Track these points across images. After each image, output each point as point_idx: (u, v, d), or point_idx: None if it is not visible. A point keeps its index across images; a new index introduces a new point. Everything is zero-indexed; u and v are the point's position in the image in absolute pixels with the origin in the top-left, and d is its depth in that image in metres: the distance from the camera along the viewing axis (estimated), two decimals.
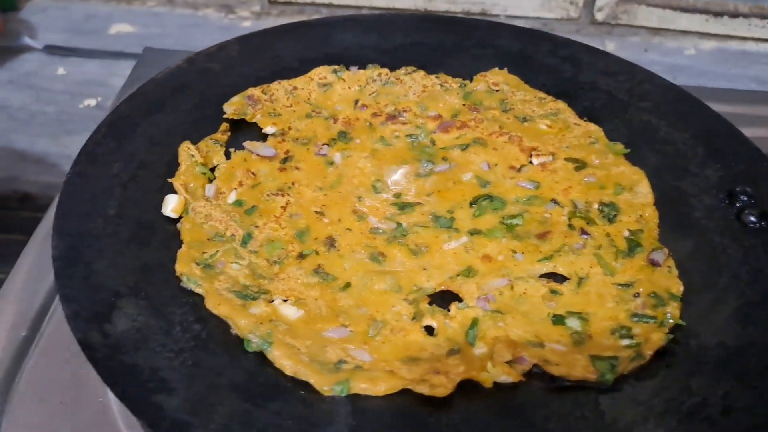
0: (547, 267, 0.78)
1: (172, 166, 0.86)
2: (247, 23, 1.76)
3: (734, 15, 1.71)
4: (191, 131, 0.91)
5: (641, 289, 0.75)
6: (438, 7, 1.75)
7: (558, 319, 0.72)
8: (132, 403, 0.62)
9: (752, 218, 0.82)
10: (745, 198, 0.84)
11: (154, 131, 0.90)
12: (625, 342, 0.70)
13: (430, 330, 0.72)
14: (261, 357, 0.67)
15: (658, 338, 0.69)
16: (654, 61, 1.68)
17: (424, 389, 0.65)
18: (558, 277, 0.78)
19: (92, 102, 1.58)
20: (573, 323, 0.72)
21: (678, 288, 0.75)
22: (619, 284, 0.76)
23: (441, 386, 0.64)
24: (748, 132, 0.95)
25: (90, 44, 1.68)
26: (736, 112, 1.20)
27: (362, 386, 0.65)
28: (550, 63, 1.06)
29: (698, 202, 0.85)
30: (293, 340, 0.68)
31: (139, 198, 0.82)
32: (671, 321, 0.71)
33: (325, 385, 0.65)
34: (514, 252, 0.80)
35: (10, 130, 1.55)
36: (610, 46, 1.72)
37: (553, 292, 0.75)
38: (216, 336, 0.69)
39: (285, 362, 0.66)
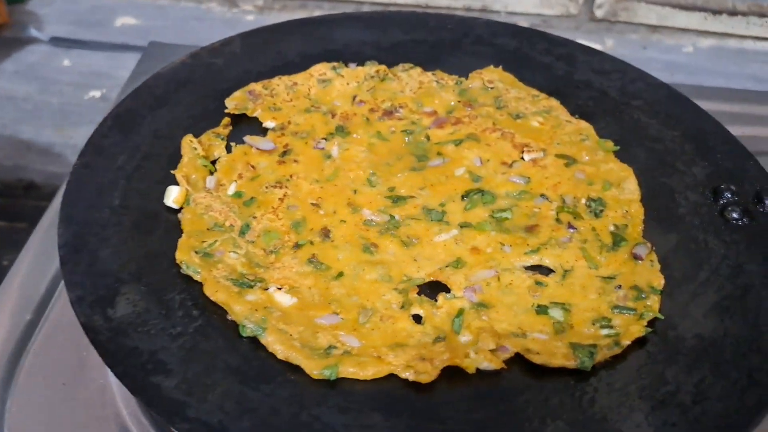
0: (533, 259, 0.81)
1: (175, 158, 0.89)
2: (250, 17, 1.78)
3: (733, 13, 1.73)
4: (194, 125, 0.94)
5: (623, 282, 0.78)
6: (439, 2, 1.78)
7: (541, 309, 0.75)
8: (131, 383, 0.65)
9: (735, 215, 0.85)
10: (729, 195, 0.87)
11: (158, 124, 0.93)
12: (605, 332, 0.72)
13: (417, 318, 0.75)
14: (255, 342, 0.70)
15: (637, 330, 0.72)
16: (652, 59, 1.70)
17: (409, 375, 0.68)
18: (544, 270, 0.80)
19: (97, 93, 1.61)
20: (556, 313, 0.75)
21: (659, 282, 0.77)
22: (603, 277, 0.79)
23: (425, 373, 0.67)
24: (740, 130, 0.98)
25: (95, 36, 1.71)
26: (729, 110, 1.24)
27: (350, 370, 0.68)
28: (545, 61, 1.09)
29: (684, 198, 0.88)
30: (286, 327, 0.71)
31: (142, 189, 0.85)
32: (650, 314, 0.74)
33: (314, 369, 0.68)
34: (503, 245, 0.82)
35: (16, 120, 1.58)
36: (608, 43, 1.74)
37: (538, 283, 0.78)
38: (213, 321, 0.72)
39: (277, 347, 0.69)
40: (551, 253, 0.81)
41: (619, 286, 0.77)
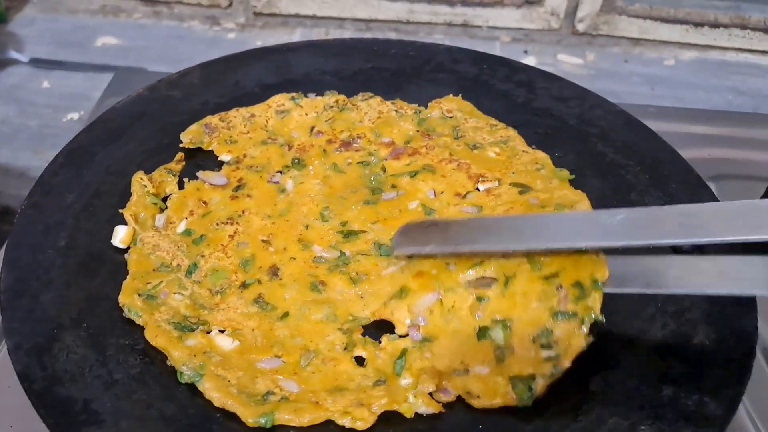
0: (477, 271, 0.78)
1: (127, 195, 0.89)
2: (231, 35, 1.78)
3: (714, 25, 1.73)
4: (148, 159, 0.94)
5: (565, 280, 0.74)
6: (420, 18, 1.78)
7: (483, 332, 0.74)
8: None
9: (686, 247, 0.84)
10: None
11: (111, 160, 0.93)
12: (546, 353, 0.71)
13: (360, 360, 0.75)
14: (193, 389, 0.70)
15: (578, 344, 0.71)
16: (633, 72, 1.69)
17: (346, 422, 0.68)
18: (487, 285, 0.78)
19: (75, 116, 1.60)
20: (497, 335, 0.74)
21: (602, 273, 0.74)
22: (545, 277, 0.76)
23: (362, 420, 0.68)
24: (705, 152, 0.97)
25: (76, 57, 1.71)
26: (695, 131, 1.24)
27: (287, 417, 0.68)
28: (505, 89, 1.08)
29: None
30: (225, 372, 0.71)
31: (90, 228, 0.85)
32: (591, 317, 0.72)
33: (250, 417, 0.68)
34: (448, 263, 0.80)
35: None
36: (590, 57, 1.74)
37: (479, 299, 0.76)
38: (151, 368, 0.72)
39: (214, 394, 0.69)
40: (496, 263, 0.78)
41: (560, 286, 0.75)
